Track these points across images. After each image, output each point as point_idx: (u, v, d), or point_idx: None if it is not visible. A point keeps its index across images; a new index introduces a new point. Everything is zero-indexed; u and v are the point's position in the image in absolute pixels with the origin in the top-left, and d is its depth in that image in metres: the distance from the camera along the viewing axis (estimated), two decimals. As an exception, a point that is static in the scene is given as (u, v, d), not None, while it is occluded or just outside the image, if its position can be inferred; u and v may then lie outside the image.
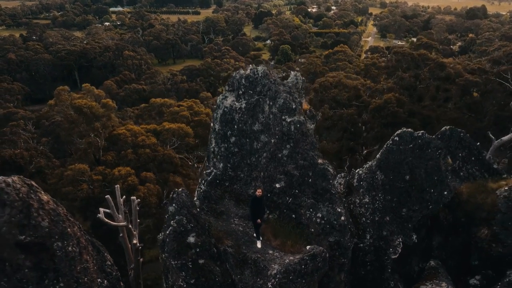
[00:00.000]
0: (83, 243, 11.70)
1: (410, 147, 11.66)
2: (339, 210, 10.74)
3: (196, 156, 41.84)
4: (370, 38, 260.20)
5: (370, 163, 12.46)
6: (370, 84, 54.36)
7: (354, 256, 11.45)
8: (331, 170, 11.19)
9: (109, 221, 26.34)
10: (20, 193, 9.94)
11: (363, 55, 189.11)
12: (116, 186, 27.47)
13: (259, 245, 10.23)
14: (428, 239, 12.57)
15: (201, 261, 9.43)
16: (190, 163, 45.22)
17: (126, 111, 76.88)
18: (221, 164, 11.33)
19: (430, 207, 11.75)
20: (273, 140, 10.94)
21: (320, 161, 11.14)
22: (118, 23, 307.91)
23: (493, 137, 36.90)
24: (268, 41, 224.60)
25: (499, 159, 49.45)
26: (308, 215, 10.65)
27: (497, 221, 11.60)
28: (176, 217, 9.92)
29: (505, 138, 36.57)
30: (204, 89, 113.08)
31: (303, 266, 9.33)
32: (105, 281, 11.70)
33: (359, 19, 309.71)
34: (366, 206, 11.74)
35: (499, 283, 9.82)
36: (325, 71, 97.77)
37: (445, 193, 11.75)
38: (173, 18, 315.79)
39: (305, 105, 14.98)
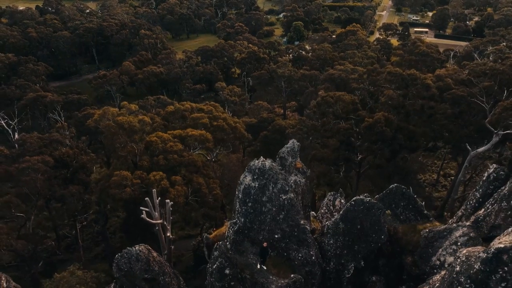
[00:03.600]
0: (172, 275, 18.99)
1: (361, 208, 17.97)
2: (312, 252, 17.31)
3: (214, 154, 48.44)
4: (385, 12, 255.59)
5: (336, 216, 18.81)
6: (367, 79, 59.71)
7: (322, 275, 17.93)
8: (308, 227, 17.64)
9: (149, 219, 33.77)
10: (144, 254, 17.17)
11: (376, 33, 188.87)
12: (153, 190, 34.65)
13: (258, 266, 17.17)
14: (376, 261, 18.96)
15: (232, 283, 16.12)
16: (208, 158, 51.91)
17: (148, 99, 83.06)
18: (242, 219, 17.72)
19: (372, 245, 18.16)
20: (274, 209, 17.37)
21: (302, 222, 17.58)
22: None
23: (469, 148, 42.64)
24: (281, 15, 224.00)
25: (472, 168, 54.93)
26: (294, 254, 17.24)
27: (418, 253, 17.90)
28: (219, 259, 16.54)
29: (480, 149, 42.36)
30: (218, 71, 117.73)
31: (288, 287, 15.92)
32: (182, 293, 18.94)
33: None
34: (331, 245, 18.26)
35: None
36: (335, 58, 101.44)
37: (382, 237, 18.11)
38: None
39: (298, 164, 21.03)
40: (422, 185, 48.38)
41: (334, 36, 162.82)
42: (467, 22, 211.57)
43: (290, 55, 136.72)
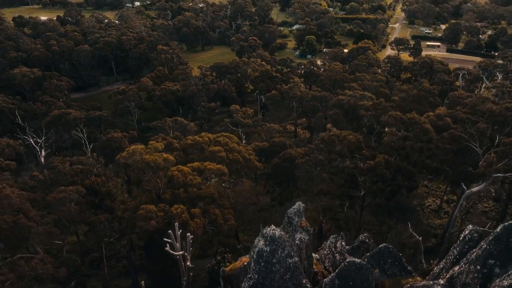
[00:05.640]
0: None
1: (353, 268, 21.77)
2: (312, 306, 21.25)
3: (229, 183, 52.63)
4: (397, 24, 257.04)
5: (332, 274, 22.65)
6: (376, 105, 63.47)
7: (321, 322, 21.93)
8: (309, 286, 21.53)
9: (172, 252, 37.90)
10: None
11: (388, 48, 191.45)
12: (176, 224, 38.75)
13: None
14: (366, 309, 22.72)
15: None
16: (223, 185, 56.04)
17: (166, 120, 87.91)
18: (256, 276, 21.68)
19: (362, 299, 21.99)
20: (282, 269, 21.29)
21: (304, 281, 21.47)
22: (148, 2, 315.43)
23: (465, 187, 45.83)
24: (294, 28, 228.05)
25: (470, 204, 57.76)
26: (297, 307, 21.17)
27: (401, 305, 21.59)
28: (237, 312, 20.47)
29: (475, 189, 45.58)
30: (231, 88, 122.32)
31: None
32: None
33: (388, 1, 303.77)
34: (328, 298, 22.12)
35: None
36: (345, 79, 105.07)
37: (370, 292, 21.90)
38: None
39: (303, 223, 24.93)
40: (421, 220, 51.71)
41: (346, 50, 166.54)
42: (480, 36, 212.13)
43: (302, 71, 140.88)
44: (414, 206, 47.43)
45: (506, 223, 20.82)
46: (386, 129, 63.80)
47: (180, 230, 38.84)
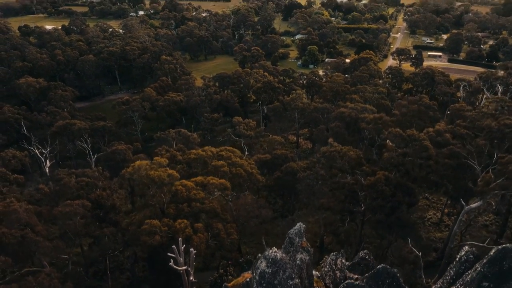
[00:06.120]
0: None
1: (352, 290, 22.66)
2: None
3: (232, 196, 53.45)
4: (399, 34, 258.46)
5: None
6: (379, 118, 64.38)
7: None
8: None
9: (176, 267, 38.61)
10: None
11: (390, 58, 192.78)
12: (179, 239, 39.51)
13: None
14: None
15: None
16: (226, 198, 56.79)
17: (169, 132, 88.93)
18: (258, 295, 22.55)
19: (361, 318, 22.73)
20: None
21: None
22: (152, 12, 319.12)
23: (464, 203, 46.44)
24: (297, 37, 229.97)
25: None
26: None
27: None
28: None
29: (473, 205, 46.21)
30: (234, 99, 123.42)
31: None
32: None
33: (390, 11, 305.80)
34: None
35: None
36: (347, 90, 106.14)
37: (369, 312, 22.63)
38: (204, 5, 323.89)
39: (304, 243, 25.69)
40: (421, 235, 52.27)
41: (348, 60, 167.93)
42: (482, 46, 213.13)
43: (304, 82, 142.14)
44: (414, 221, 48.01)
45: (500, 247, 21.61)
46: (388, 141, 64.63)
47: (184, 245, 39.61)
